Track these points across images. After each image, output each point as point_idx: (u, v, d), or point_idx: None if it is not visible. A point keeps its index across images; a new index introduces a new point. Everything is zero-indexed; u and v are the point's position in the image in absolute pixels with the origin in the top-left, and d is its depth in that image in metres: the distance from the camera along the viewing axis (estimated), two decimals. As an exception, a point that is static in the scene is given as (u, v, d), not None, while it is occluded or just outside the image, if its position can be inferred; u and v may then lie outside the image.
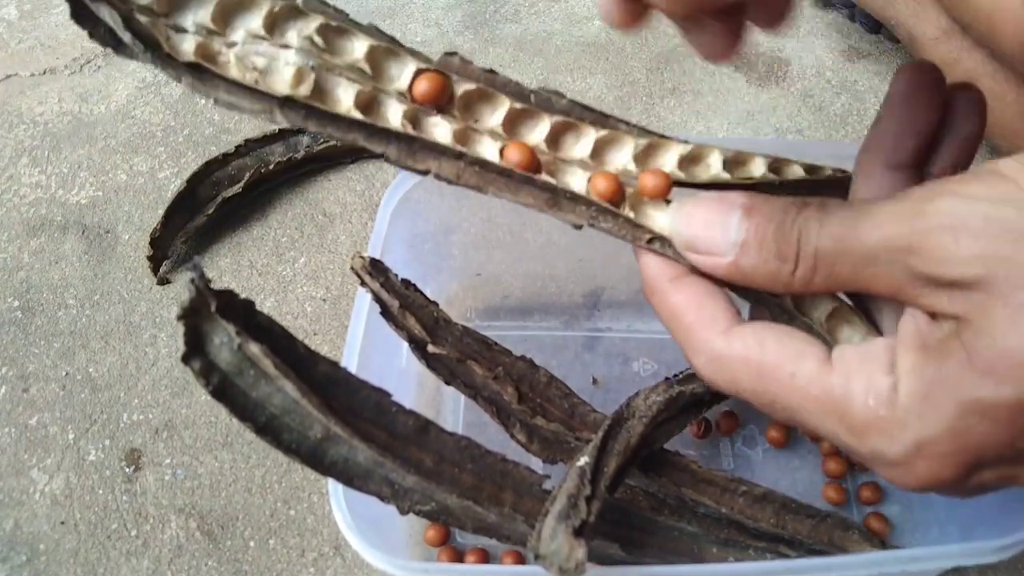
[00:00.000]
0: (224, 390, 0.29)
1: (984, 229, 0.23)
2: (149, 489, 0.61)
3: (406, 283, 0.48)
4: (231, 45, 0.29)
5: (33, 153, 0.81)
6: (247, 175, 0.74)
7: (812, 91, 0.85)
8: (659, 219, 0.31)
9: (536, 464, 0.51)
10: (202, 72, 0.28)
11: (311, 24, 0.29)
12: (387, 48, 0.30)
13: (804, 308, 0.32)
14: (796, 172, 0.35)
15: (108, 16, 0.26)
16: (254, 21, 0.29)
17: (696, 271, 0.31)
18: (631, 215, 0.32)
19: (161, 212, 0.72)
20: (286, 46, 0.29)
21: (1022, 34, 0.59)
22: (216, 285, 0.27)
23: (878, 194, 0.31)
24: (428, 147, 0.31)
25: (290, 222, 0.76)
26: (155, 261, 0.71)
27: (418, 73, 0.30)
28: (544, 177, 0.31)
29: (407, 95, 0.31)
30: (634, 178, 0.33)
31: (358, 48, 0.30)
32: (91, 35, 0.27)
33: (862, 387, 0.26)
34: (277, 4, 0.29)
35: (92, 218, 0.76)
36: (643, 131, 0.33)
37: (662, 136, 0.33)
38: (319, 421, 0.30)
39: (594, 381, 0.64)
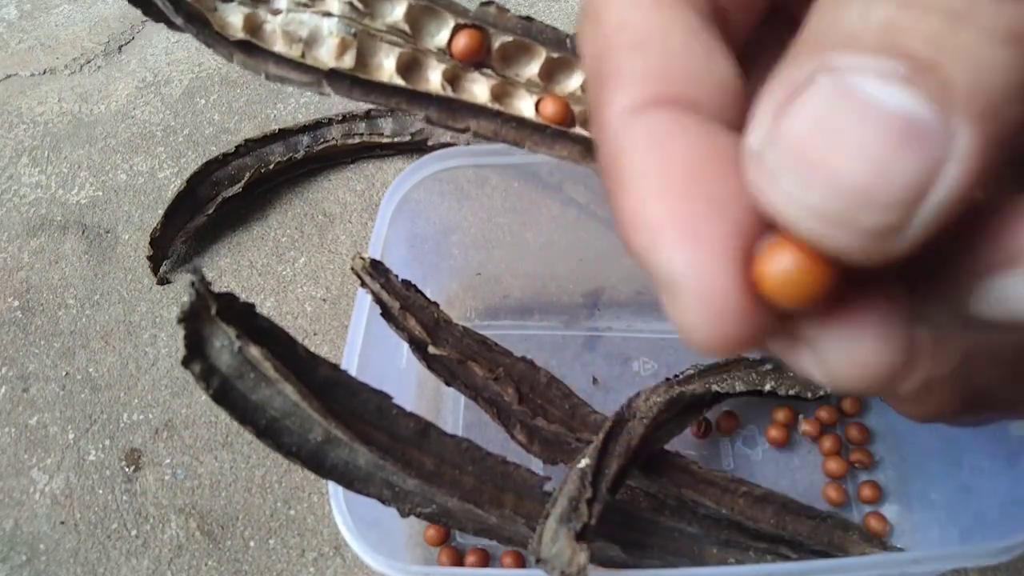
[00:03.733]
0: (224, 393, 0.29)
1: None
2: (149, 489, 0.61)
3: (406, 284, 0.48)
4: (276, 12, 0.29)
5: (33, 153, 0.81)
6: (247, 175, 0.74)
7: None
8: None
9: (537, 465, 0.51)
10: (251, 48, 0.29)
11: None
12: (425, 6, 0.31)
13: None
14: None
15: (159, 1, 0.28)
16: None
17: None
18: None
19: (161, 212, 0.72)
20: (328, 13, 0.30)
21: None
22: (216, 285, 0.28)
23: None
24: (467, 107, 0.32)
25: (290, 222, 0.76)
26: (155, 261, 0.71)
27: (456, 29, 0.31)
28: (578, 130, 0.32)
29: (447, 51, 0.31)
30: None
31: (397, 9, 0.30)
32: (145, 13, 0.29)
33: None
34: None
35: (92, 218, 0.76)
36: None
37: None
38: (320, 424, 0.30)
39: (594, 381, 0.64)
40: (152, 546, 0.59)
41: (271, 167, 0.75)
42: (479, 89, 0.32)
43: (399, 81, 0.31)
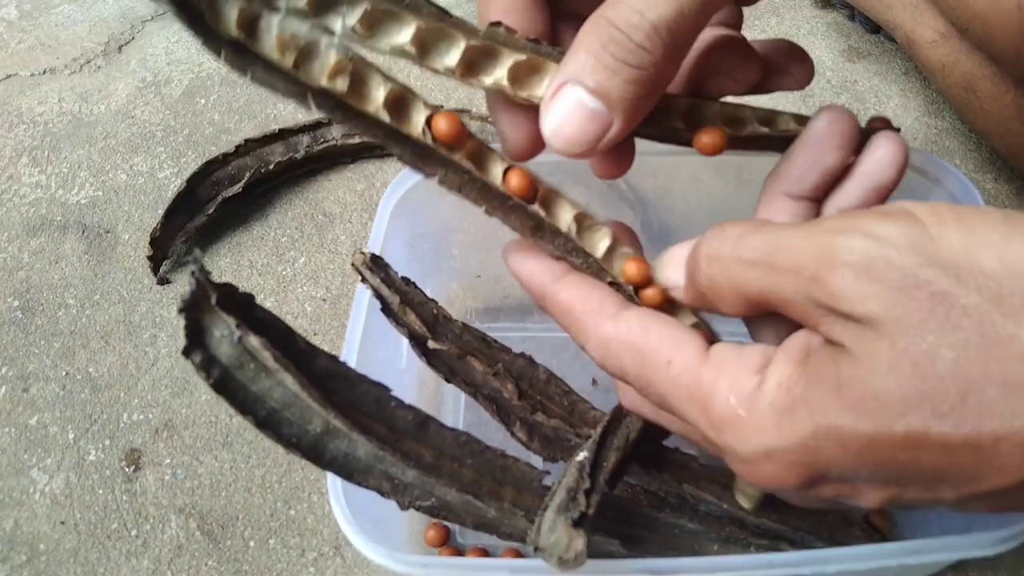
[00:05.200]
0: (224, 383, 0.29)
1: (886, 274, 0.24)
2: (149, 489, 0.61)
3: (406, 280, 0.48)
4: (274, 9, 0.28)
5: (33, 153, 0.81)
6: (247, 175, 0.74)
7: (812, 91, 0.85)
8: (628, 269, 0.34)
9: (536, 462, 0.50)
10: (241, 49, 0.28)
11: (356, 11, 0.29)
12: (435, 28, 0.30)
13: None
14: (787, 124, 0.36)
15: None
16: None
17: (574, 270, 0.34)
18: (598, 256, 0.34)
19: (161, 212, 0.72)
20: (328, 30, 0.29)
21: (1019, 37, 0.59)
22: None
23: (776, 218, 0.33)
24: (440, 158, 0.31)
25: (290, 222, 0.76)
26: (155, 261, 0.71)
27: (433, 113, 0.31)
28: (535, 208, 0.33)
29: (454, 72, 0.31)
30: None
31: (405, 32, 0.30)
32: None
33: (727, 384, 0.28)
34: None
35: (92, 218, 0.76)
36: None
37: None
38: (319, 415, 0.30)
39: (594, 382, 0.64)
40: (152, 546, 0.58)
41: (271, 167, 0.75)
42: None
43: (384, 116, 0.30)
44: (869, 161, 0.33)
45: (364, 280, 0.46)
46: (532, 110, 0.32)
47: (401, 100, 0.31)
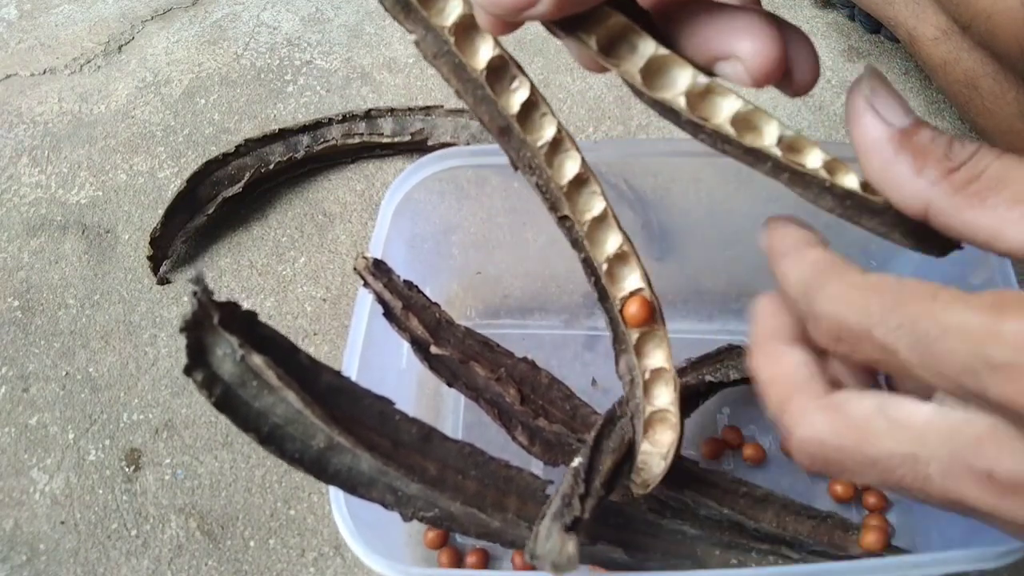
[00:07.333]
0: (227, 401, 0.29)
1: None
2: (149, 489, 0.61)
3: (408, 284, 0.48)
4: None
5: (33, 153, 0.81)
6: (247, 175, 0.74)
7: (812, 91, 0.85)
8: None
9: (537, 466, 0.51)
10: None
11: None
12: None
13: None
14: (851, 182, 0.31)
15: None
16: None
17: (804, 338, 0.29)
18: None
19: (161, 212, 0.72)
20: None
21: (1021, 34, 0.59)
22: (216, 285, 0.27)
23: None
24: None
25: (290, 222, 0.75)
26: (155, 261, 0.71)
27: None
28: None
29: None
30: None
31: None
32: None
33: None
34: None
35: (92, 218, 0.76)
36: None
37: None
38: (322, 431, 0.30)
39: (593, 382, 0.64)
40: (152, 546, 0.59)
41: (271, 167, 0.75)
42: None
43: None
44: None
45: (366, 284, 0.46)
46: None
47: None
